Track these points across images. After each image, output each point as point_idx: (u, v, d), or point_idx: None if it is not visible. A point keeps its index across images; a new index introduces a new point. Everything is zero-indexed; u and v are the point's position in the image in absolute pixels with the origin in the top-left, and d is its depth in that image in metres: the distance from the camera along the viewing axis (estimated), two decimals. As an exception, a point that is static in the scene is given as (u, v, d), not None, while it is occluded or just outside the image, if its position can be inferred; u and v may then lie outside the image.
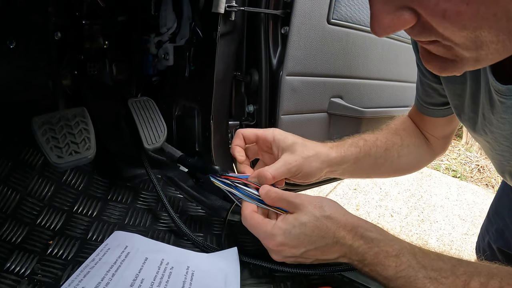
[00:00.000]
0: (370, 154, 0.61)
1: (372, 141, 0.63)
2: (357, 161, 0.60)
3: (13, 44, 0.65)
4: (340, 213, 0.45)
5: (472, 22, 0.26)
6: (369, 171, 0.64)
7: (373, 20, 0.29)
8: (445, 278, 0.40)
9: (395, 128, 0.68)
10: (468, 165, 3.28)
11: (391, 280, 0.42)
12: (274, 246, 0.45)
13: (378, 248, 0.43)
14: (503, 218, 0.83)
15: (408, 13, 0.28)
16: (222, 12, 0.63)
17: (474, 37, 0.28)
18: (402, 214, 2.39)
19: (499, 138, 0.49)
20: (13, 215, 0.57)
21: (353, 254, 0.44)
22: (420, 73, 0.62)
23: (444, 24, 0.27)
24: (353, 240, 0.44)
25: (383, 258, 0.42)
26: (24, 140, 0.66)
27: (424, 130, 0.69)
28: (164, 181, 0.78)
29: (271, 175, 0.51)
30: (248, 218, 0.48)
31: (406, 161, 0.67)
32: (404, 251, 0.42)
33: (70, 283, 0.45)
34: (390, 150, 0.64)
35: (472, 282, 0.39)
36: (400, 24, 0.29)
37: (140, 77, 0.89)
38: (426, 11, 0.27)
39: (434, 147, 0.70)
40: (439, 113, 0.64)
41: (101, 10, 0.81)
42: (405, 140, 0.66)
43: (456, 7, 0.26)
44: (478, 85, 0.48)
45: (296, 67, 0.75)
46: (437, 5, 0.26)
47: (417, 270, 0.41)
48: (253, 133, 0.57)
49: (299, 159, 0.53)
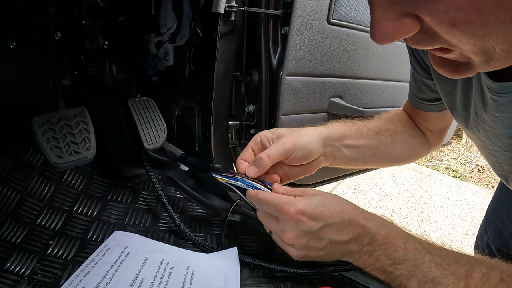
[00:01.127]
0: (362, 134, 0.63)
1: (362, 123, 0.65)
2: (353, 140, 0.61)
3: (13, 44, 0.65)
4: (348, 202, 0.48)
5: (482, 30, 0.26)
6: (365, 155, 0.64)
7: (375, 27, 0.28)
8: (448, 265, 0.41)
9: (388, 117, 0.69)
10: (468, 165, 3.28)
11: (399, 263, 0.42)
12: (294, 213, 0.44)
13: (388, 229, 0.44)
14: (501, 218, 0.83)
15: (412, 20, 0.27)
16: (222, 12, 0.63)
17: (481, 43, 0.27)
18: (402, 214, 2.39)
19: (491, 137, 0.49)
20: (13, 215, 0.56)
21: (365, 235, 0.44)
22: (413, 69, 0.62)
23: (452, 33, 0.27)
24: (366, 221, 0.45)
25: (394, 238, 0.44)
26: (24, 140, 0.66)
27: (419, 124, 0.69)
28: (164, 181, 0.78)
29: (266, 155, 0.52)
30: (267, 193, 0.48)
31: (401, 147, 0.67)
32: (409, 237, 0.44)
33: (70, 283, 0.45)
34: (382, 134, 0.65)
35: (474, 272, 0.40)
36: (403, 32, 0.28)
37: (140, 77, 0.89)
38: (433, 19, 0.26)
39: (429, 140, 0.70)
40: (432, 108, 0.64)
41: (101, 10, 0.81)
42: (398, 127, 0.67)
43: (467, 16, 0.25)
44: (469, 83, 0.49)
45: (296, 67, 0.75)
46: (447, 14, 0.25)
47: (424, 254, 0.42)
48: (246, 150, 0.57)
49: (290, 137, 0.55)
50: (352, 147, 0.62)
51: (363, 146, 0.63)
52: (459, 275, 0.40)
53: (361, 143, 0.63)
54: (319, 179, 0.94)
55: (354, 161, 0.64)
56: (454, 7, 0.25)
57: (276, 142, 0.55)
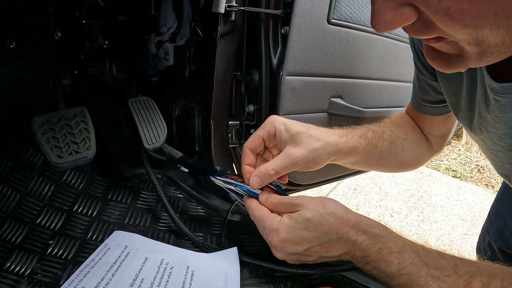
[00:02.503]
0: (377, 147, 0.60)
1: (379, 134, 0.61)
2: (364, 153, 0.58)
3: (13, 44, 0.65)
4: (342, 210, 0.45)
5: (474, 20, 0.27)
6: (372, 163, 0.63)
7: (375, 17, 0.30)
8: (447, 277, 0.40)
9: (398, 122, 0.68)
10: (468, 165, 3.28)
11: (394, 277, 0.42)
12: (277, 242, 0.45)
13: (381, 244, 0.43)
14: (503, 218, 0.83)
15: (409, 10, 0.28)
16: (222, 12, 0.63)
17: (475, 34, 0.28)
18: (402, 214, 2.39)
19: (494, 137, 0.49)
20: (13, 214, 0.56)
21: (357, 251, 0.43)
22: (417, 70, 0.62)
23: (446, 22, 0.28)
24: (356, 236, 0.43)
25: (387, 254, 0.42)
26: (24, 140, 0.66)
27: (422, 129, 0.69)
28: (164, 180, 0.78)
29: (274, 171, 0.49)
30: (256, 210, 0.48)
31: (409, 155, 0.66)
32: (406, 248, 0.42)
33: (70, 283, 0.45)
34: (395, 144, 0.63)
35: (474, 281, 0.39)
36: (401, 21, 0.29)
37: (140, 77, 0.89)
38: (428, 8, 0.28)
39: (432, 145, 0.70)
40: (436, 111, 0.64)
41: (101, 9, 0.81)
42: (408, 134, 0.66)
43: (459, 5, 0.26)
44: (474, 83, 0.48)
45: (296, 67, 0.75)
46: (440, 3, 0.27)
47: (420, 268, 0.41)
48: (257, 139, 0.53)
49: (304, 152, 0.49)
50: (363, 160, 0.60)
51: (374, 157, 0.61)
52: (458, 286, 0.39)
53: (374, 156, 0.60)
54: (319, 179, 0.94)
55: (357, 167, 0.63)
56: None
57: (286, 153, 0.50)
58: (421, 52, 0.58)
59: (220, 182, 0.54)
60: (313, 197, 0.47)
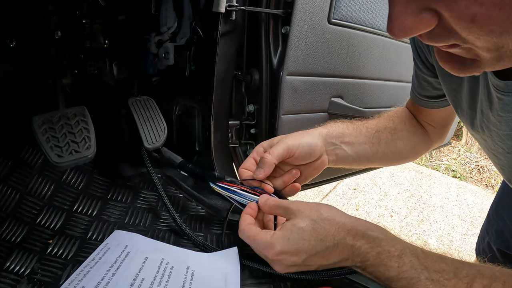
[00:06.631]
0: (360, 132, 0.63)
1: (361, 123, 0.65)
2: (348, 136, 0.62)
3: (13, 43, 0.65)
4: (337, 214, 0.45)
5: (500, 27, 0.25)
6: (367, 152, 0.64)
7: (394, 22, 0.28)
8: (447, 280, 0.39)
9: (387, 115, 0.70)
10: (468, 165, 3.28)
11: (393, 281, 0.41)
12: (274, 256, 0.44)
13: (380, 248, 0.42)
14: (503, 218, 0.83)
15: (430, 15, 0.27)
16: (222, 11, 0.63)
17: (498, 41, 0.27)
18: (401, 214, 2.39)
19: (495, 137, 0.49)
20: (13, 214, 0.56)
21: (356, 256, 0.43)
22: (416, 67, 0.62)
23: (471, 29, 0.26)
24: (354, 240, 0.43)
25: (386, 258, 0.42)
26: (24, 139, 0.66)
27: (421, 119, 0.69)
28: (164, 180, 0.78)
29: (268, 152, 0.53)
30: (246, 230, 0.48)
31: (402, 144, 0.67)
32: (406, 251, 0.42)
33: (70, 282, 0.45)
34: (382, 132, 0.65)
35: (474, 284, 0.38)
36: (422, 27, 0.27)
37: (140, 76, 0.89)
38: (452, 14, 0.26)
39: (431, 136, 0.70)
40: (434, 105, 0.64)
41: (102, 9, 0.81)
42: (398, 125, 0.67)
43: (488, 12, 0.24)
44: (476, 81, 0.48)
45: (297, 67, 0.75)
46: (467, 8, 0.25)
47: (420, 272, 0.40)
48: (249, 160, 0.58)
49: (292, 136, 0.56)
50: (353, 145, 0.62)
51: (363, 143, 0.63)
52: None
53: (361, 141, 0.63)
54: (319, 179, 0.93)
55: (357, 160, 0.63)
56: (476, 2, 0.24)
57: (281, 142, 0.55)
58: (421, 48, 0.58)
59: (218, 189, 0.56)
60: (309, 203, 0.47)
